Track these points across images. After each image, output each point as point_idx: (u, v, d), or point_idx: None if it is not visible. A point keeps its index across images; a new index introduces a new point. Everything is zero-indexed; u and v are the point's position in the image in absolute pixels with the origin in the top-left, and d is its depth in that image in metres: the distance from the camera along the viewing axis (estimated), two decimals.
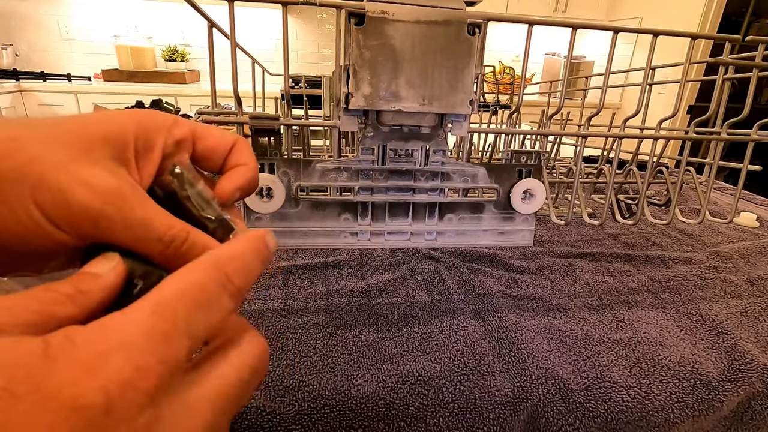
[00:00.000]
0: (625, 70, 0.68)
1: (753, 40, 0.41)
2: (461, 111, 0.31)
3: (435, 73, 0.29)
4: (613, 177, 0.42)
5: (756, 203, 0.80)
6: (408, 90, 0.29)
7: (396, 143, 0.33)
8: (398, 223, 0.35)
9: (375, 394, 0.29)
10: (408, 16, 0.28)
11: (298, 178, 0.33)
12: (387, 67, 0.29)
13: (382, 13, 0.28)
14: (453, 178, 0.34)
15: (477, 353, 0.34)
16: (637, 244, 0.57)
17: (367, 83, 0.29)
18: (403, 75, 0.29)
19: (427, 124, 0.32)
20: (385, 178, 0.34)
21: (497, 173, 0.35)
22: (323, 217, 0.35)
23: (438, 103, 0.30)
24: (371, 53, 0.28)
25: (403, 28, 0.28)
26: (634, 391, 0.31)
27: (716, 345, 0.36)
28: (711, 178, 0.47)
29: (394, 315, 0.38)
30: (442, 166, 0.34)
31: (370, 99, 0.29)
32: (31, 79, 2.36)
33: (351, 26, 0.27)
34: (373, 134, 0.32)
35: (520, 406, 0.29)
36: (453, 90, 0.30)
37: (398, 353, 0.34)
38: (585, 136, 0.40)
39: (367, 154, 0.33)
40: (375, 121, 0.31)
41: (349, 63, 0.28)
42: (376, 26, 0.28)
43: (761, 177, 0.54)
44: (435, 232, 0.36)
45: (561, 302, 0.42)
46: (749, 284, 0.47)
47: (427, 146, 0.33)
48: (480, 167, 0.34)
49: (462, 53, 0.29)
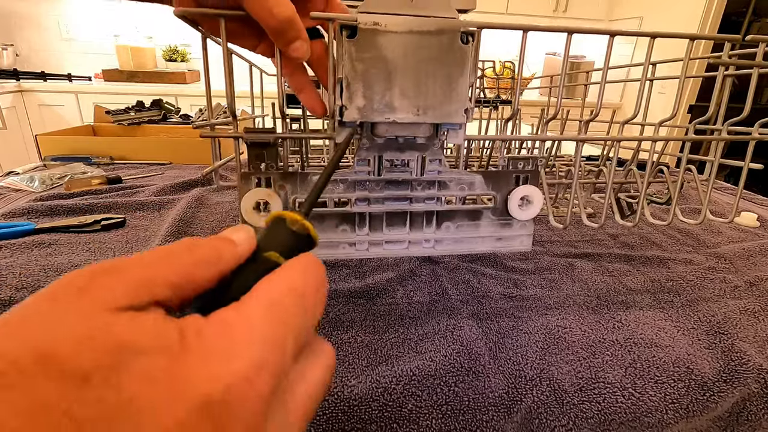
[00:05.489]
0: (625, 65, 0.68)
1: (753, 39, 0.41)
2: (456, 120, 0.30)
3: (429, 83, 0.29)
4: (612, 178, 0.42)
5: (756, 203, 0.80)
6: (402, 101, 0.29)
7: (392, 154, 0.32)
8: (396, 233, 0.35)
9: (369, 396, 0.29)
10: (400, 26, 0.27)
11: (295, 192, 0.33)
12: (380, 79, 0.28)
13: (374, 25, 0.27)
14: (450, 186, 0.34)
15: (473, 354, 0.34)
16: (637, 245, 0.57)
17: (360, 95, 0.28)
18: (396, 86, 0.29)
19: (422, 134, 0.32)
20: (382, 188, 0.33)
21: (494, 180, 0.35)
22: (321, 228, 0.34)
23: (432, 112, 0.30)
24: (364, 65, 0.28)
25: (396, 39, 0.28)
26: (629, 392, 0.31)
27: (713, 345, 0.36)
28: (711, 177, 0.47)
29: (391, 316, 0.38)
30: (439, 175, 0.34)
31: (364, 111, 0.29)
32: (31, 79, 2.36)
33: (343, 39, 0.27)
34: (369, 145, 0.32)
35: (514, 407, 0.29)
36: (447, 99, 0.29)
37: (394, 354, 0.34)
38: (583, 141, 0.40)
39: (362, 165, 0.32)
40: (370, 132, 0.31)
41: (342, 76, 0.28)
42: (368, 38, 0.27)
43: (762, 176, 0.53)
44: (433, 240, 0.36)
45: (559, 303, 0.42)
46: (749, 285, 0.47)
47: (423, 156, 0.33)
48: (477, 175, 0.34)
49: (456, 62, 0.29)
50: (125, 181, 0.80)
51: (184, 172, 0.85)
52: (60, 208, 0.61)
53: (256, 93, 0.59)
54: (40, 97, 2.33)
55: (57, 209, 0.61)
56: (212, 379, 0.12)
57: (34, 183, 0.73)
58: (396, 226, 0.35)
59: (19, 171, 0.82)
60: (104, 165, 0.90)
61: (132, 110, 1.15)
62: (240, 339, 0.13)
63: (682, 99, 0.47)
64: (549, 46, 3.04)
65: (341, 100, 0.28)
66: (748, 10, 2.62)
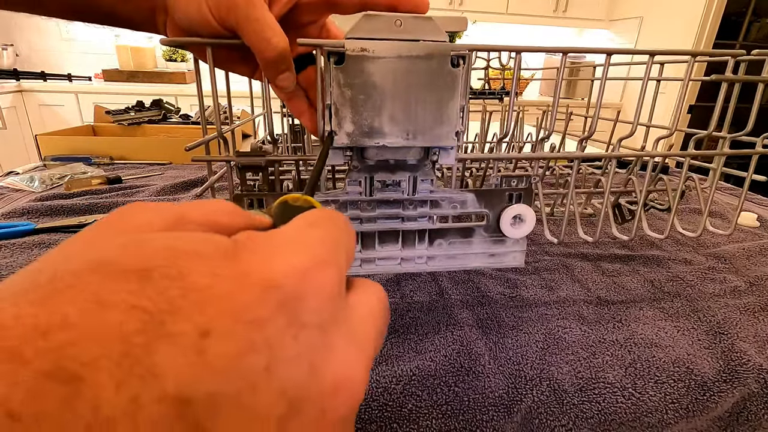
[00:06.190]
0: (626, 63, 0.68)
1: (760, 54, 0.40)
2: (446, 143, 0.30)
3: (419, 108, 0.28)
4: (609, 189, 0.42)
5: (756, 203, 0.80)
6: (392, 126, 0.29)
7: (383, 175, 0.32)
8: (388, 250, 0.35)
9: (368, 396, 0.29)
10: (389, 52, 0.27)
11: None
12: (369, 105, 0.28)
13: (361, 51, 0.27)
14: (442, 205, 0.34)
15: (473, 354, 0.34)
16: (637, 245, 0.57)
17: (349, 121, 0.28)
18: (385, 111, 0.28)
19: (412, 157, 0.31)
20: (374, 207, 0.33)
21: (487, 199, 0.34)
22: None
23: (422, 137, 0.29)
24: (352, 91, 0.28)
25: (384, 64, 0.27)
26: (629, 392, 0.31)
27: (713, 345, 0.36)
28: (712, 189, 0.47)
29: (391, 316, 0.38)
30: (431, 194, 0.33)
31: (353, 136, 0.28)
32: (31, 79, 2.36)
33: (330, 65, 0.27)
34: (360, 168, 0.32)
35: (514, 407, 0.29)
36: (438, 123, 0.29)
37: (394, 354, 0.34)
38: (581, 159, 0.40)
39: (354, 185, 0.32)
40: (360, 156, 0.31)
41: (330, 102, 0.28)
42: (356, 64, 0.27)
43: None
44: (425, 256, 0.35)
45: (559, 303, 0.42)
46: (749, 285, 0.47)
47: (414, 176, 0.33)
48: (469, 193, 0.34)
49: (446, 86, 0.28)
50: (125, 181, 0.80)
51: (184, 172, 0.85)
52: (60, 208, 0.61)
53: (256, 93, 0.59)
54: (40, 97, 2.33)
55: (57, 209, 0.61)
56: (271, 267, 0.12)
57: (34, 183, 0.73)
58: (388, 243, 0.35)
59: (19, 171, 0.82)
60: (104, 165, 0.90)
61: (132, 110, 1.15)
62: (296, 239, 0.13)
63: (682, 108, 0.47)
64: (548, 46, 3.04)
65: (330, 126, 0.28)
66: (748, 10, 2.62)
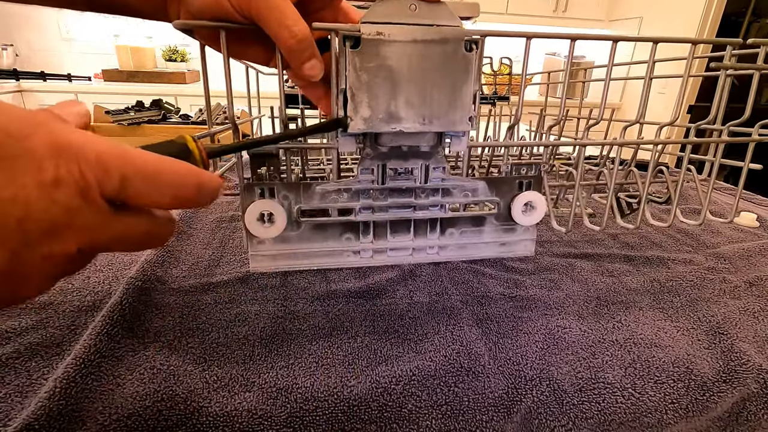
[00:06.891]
0: (626, 62, 0.68)
1: (755, 43, 0.41)
2: (461, 128, 0.30)
3: (434, 92, 0.29)
4: (614, 180, 0.42)
5: (756, 203, 0.80)
6: (408, 110, 0.29)
7: (395, 162, 0.32)
8: (400, 240, 0.35)
9: (368, 396, 0.29)
10: (404, 36, 0.27)
11: (299, 201, 0.33)
12: (385, 89, 0.28)
13: (377, 35, 0.27)
14: (453, 193, 0.34)
15: (473, 354, 0.34)
16: (637, 245, 0.57)
17: (365, 106, 0.28)
18: (401, 95, 0.28)
19: (426, 143, 0.32)
20: (386, 196, 0.33)
21: (497, 186, 0.35)
22: (325, 237, 0.34)
23: (438, 121, 0.29)
24: (368, 75, 0.28)
25: (400, 48, 0.27)
26: (629, 392, 0.31)
27: (713, 345, 0.36)
28: (712, 177, 0.47)
29: (391, 316, 0.38)
30: (443, 182, 0.34)
31: (369, 121, 0.29)
32: (31, 79, 2.36)
33: (346, 49, 0.27)
34: (372, 155, 0.32)
35: (513, 408, 0.29)
36: (452, 108, 0.29)
37: (393, 354, 0.33)
38: (585, 145, 0.40)
39: (366, 174, 0.32)
40: (373, 142, 0.31)
41: (345, 86, 0.28)
42: (372, 48, 0.27)
43: (762, 176, 0.54)
44: (437, 246, 0.35)
45: (559, 303, 0.42)
46: (749, 285, 0.47)
47: (427, 164, 0.33)
48: (480, 182, 0.34)
49: (460, 70, 0.29)
50: None
51: None
52: None
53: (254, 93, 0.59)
54: (39, 97, 2.33)
55: None
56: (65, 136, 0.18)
57: None
58: (400, 233, 0.35)
59: None
60: None
61: (132, 110, 1.15)
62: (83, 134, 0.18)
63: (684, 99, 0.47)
64: (548, 47, 3.04)
65: (345, 111, 0.28)
66: (748, 10, 2.62)
